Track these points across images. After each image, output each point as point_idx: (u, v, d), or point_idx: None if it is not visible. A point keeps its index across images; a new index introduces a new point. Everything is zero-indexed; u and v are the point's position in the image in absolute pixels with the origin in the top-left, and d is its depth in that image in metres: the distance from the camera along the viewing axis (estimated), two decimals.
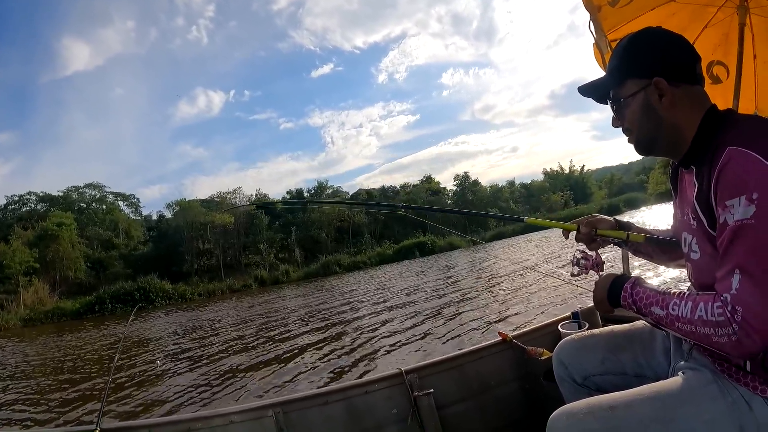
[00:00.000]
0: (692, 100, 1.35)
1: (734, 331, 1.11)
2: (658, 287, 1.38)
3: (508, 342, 2.78)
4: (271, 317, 17.33)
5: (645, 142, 1.44)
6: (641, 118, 1.39)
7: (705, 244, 1.32)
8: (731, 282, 1.13)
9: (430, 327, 10.30)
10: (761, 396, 1.25)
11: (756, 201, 1.09)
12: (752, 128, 1.22)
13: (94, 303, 34.28)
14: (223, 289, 41.46)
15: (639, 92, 1.37)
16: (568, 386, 1.85)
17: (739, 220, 1.11)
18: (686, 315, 1.22)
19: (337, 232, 59.04)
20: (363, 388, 2.44)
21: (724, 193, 1.15)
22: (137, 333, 18.93)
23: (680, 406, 1.30)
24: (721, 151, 1.17)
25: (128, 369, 11.01)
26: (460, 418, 2.56)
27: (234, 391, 7.82)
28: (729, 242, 1.15)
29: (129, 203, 59.76)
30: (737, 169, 1.13)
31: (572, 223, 1.79)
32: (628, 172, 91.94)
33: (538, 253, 25.68)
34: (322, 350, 9.72)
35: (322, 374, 7.94)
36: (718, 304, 1.15)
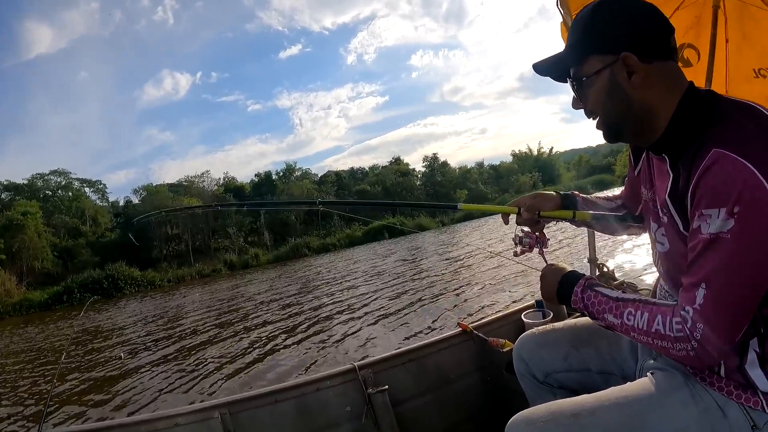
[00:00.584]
0: (666, 79, 1.18)
1: (693, 348, 1.08)
2: (610, 290, 1.32)
3: (468, 333, 2.69)
4: (232, 306, 17.25)
5: (612, 128, 1.28)
6: (607, 99, 1.22)
7: (676, 241, 1.22)
8: (695, 295, 1.07)
9: (393, 315, 10.21)
10: (736, 401, 1.18)
11: (736, 215, 0.98)
12: (743, 126, 1.06)
13: (62, 293, 33.84)
14: (193, 274, 41.26)
15: (604, 70, 1.19)
16: (529, 383, 1.78)
17: (714, 233, 1.02)
18: (642, 327, 1.17)
19: (306, 214, 59.13)
20: (314, 385, 2.35)
21: (702, 200, 1.04)
22: (103, 323, 18.70)
23: (649, 413, 1.22)
24: (705, 151, 1.04)
25: (88, 363, 10.85)
26: (418, 414, 2.48)
27: (192, 387, 7.66)
28: (699, 253, 1.07)
29: (95, 189, 58.59)
30: (721, 176, 1.00)
31: (512, 206, 1.68)
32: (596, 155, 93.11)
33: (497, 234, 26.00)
34: (278, 342, 9.59)
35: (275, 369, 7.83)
36: (677, 320, 1.10)
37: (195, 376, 8.22)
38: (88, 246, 48.04)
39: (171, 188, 57.34)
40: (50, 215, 48.76)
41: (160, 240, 50.28)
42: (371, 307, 11.39)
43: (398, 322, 9.60)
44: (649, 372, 1.36)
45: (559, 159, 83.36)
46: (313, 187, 61.47)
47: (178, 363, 9.35)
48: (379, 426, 2.34)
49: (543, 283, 1.50)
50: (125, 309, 23.72)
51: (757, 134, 1.03)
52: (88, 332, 16.24)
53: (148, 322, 16.67)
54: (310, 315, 11.95)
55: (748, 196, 0.97)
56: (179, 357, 9.88)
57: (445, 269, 16.54)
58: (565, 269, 1.46)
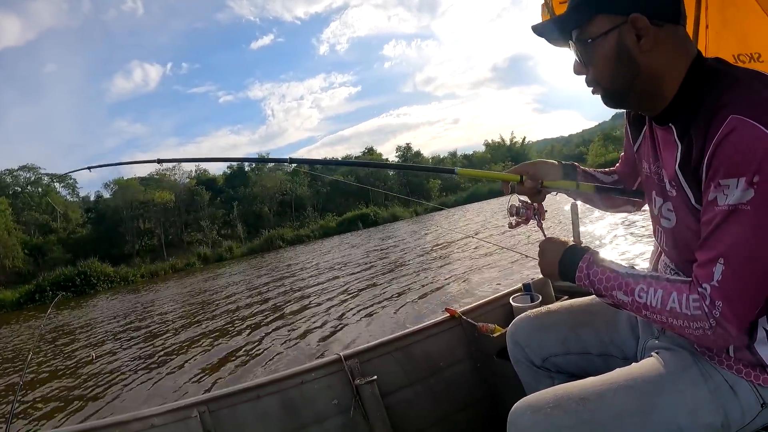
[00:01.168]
0: (676, 44, 1.11)
1: (711, 326, 1.02)
2: (618, 265, 1.25)
3: (457, 318, 2.62)
4: (207, 301, 17.02)
5: (616, 94, 1.20)
6: (614, 63, 1.14)
7: (686, 215, 1.16)
8: (713, 271, 1.01)
9: (373, 304, 10.04)
10: (745, 379, 1.15)
11: (756, 185, 0.93)
12: (760, 92, 0.99)
13: (34, 291, 33.33)
14: (166, 269, 41.03)
15: (611, 31, 1.11)
16: (526, 368, 1.72)
17: (733, 204, 0.96)
18: (656, 305, 1.11)
19: (280, 206, 59.17)
20: (299, 378, 2.23)
21: (719, 169, 0.98)
22: (75, 321, 18.43)
23: (659, 395, 1.17)
24: (722, 118, 0.97)
25: (58, 363, 10.63)
26: (408, 405, 2.38)
27: (169, 386, 7.46)
28: (716, 226, 1.01)
29: (66, 185, 57.64)
30: (741, 144, 0.94)
31: (514, 173, 1.59)
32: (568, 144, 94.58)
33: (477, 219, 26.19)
34: (259, 335, 9.39)
35: (256, 363, 7.60)
36: (694, 297, 1.05)
37: (171, 374, 8.10)
38: (60, 243, 47.53)
39: (142, 181, 56.75)
40: (20, 212, 48.19)
41: (132, 235, 49.99)
42: (351, 297, 11.31)
43: (382, 310, 9.46)
44: (654, 352, 1.32)
45: (532, 148, 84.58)
46: (286, 178, 61.36)
47: (153, 361, 9.21)
48: (369, 419, 2.25)
49: (542, 258, 1.42)
50: (98, 306, 23.42)
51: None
52: (59, 331, 16.01)
53: (120, 320, 16.44)
54: (289, 307, 11.82)
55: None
56: (154, 355, 9.76)
57: (424, 256, 16.55)
58: (566, 243, 1.38)
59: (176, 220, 53.66)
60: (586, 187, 1.54)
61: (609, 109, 1.25)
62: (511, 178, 1.57)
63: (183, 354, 9.24)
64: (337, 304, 10.77)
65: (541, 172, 1.58)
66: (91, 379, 8.73)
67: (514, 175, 1.57)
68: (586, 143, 77.66)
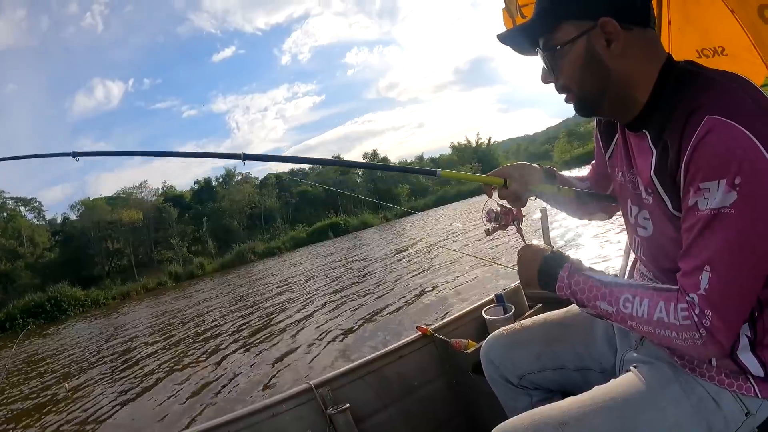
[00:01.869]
0: (646, 47, 1.08)
1: (700, 336, 0.98)
2: (601, 273, 1.21)
3: (429, 336, 2.57)
4: (178, 321, 16.81)
5: (588, 101, 1.16)
6: (583, 70, 1.10)
7: (664, 223, 1.12)
8: (699, 279, 0.98)
9: (346, 323, 9.77)
10: (728, 390, 1.11)
11: (739, 187, 0.89)
12: (734, 93, 0.96)
13: (4, 320, 32.84)
14: (138, 289, 40.61)
15: (580, 37, 1.07)
16: (502, 387, 1.68)
17: (716, 208, 0.93)
18: (642, 315, 1.07)
19: (249, 219, 59.04)
20: (269, 410, 2.15)
21: (698, 173, 0.94)
22: (43, 350, 18.13)
23: (641, 414, 1.13)
24: (698, 119, 0.94)
25: (29, 396, 10.42)
26: (384, 429, 2.32)
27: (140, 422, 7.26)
28: (699, 232, 0.97)
29: (31, 208, 56.58)
30: (719, 145, 0.91)
31: (497, 176, 1.49)
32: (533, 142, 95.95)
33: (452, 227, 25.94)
34: (227, 363, 9.07)
35: (225, 393, 7.35)
36: (683, 306, 1.01)
37: (142, 408, 7.90)
38: (28, 268, 46.81)
39: (109, 201, 56.30)
40: None
41: (102, 256, 49.54)
42: (321, 316, 11.05)
43: (353, 330, 9.17)
44: (633, 366, 1.27)
45: (498, 148, 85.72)
46: (254, 191, 61.34)
47: (124, 392, 8.97)
48: None
49: (521, 265, 1.37)
50: (69, 333, 23.00)
51: (749, 101, 0.94)
52: (29, 362, 15.69)
53: (92, 346, 16.23)
54: (259, 328, 11.57)
55: (749, 167, 0.89)
56: (125, 384, 9.54)
57: (395, 267, 16.40)
58: (546, 250, 1.33)
59: (145, 239, 53.37)
60: (567, 191, 1.49)
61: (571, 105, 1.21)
62: (495, 182, 1.48)
63: (154, 384, 9.05)
64: (308, 324, 10.60)
65: (526, 174, 1.49)
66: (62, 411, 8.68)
67: (498, 179, 1.48)
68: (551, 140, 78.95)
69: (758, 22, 2.22)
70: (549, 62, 1.16)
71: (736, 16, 2.39)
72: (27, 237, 50.76)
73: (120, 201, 56.17)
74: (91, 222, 50.89)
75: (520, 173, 1.48)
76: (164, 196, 60.68)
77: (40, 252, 50.76)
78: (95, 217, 51.10)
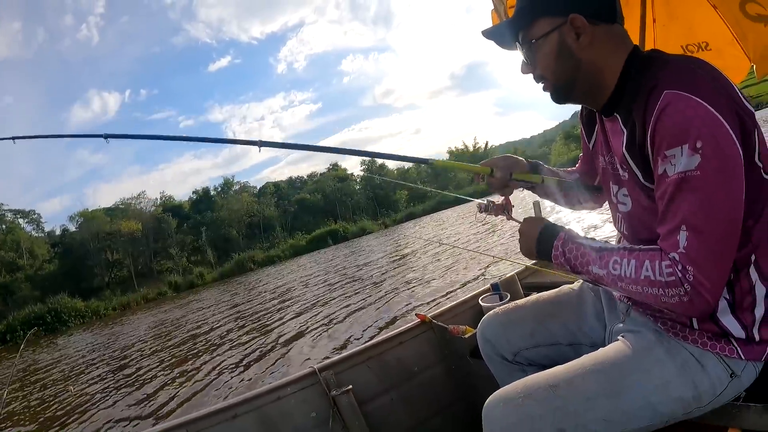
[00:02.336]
0: (613, 40, 1.21)
1: (686, 291, 1.03)
2: (592, 241, 1.28)
3: (427, 323, 2.63)
4: (179, 329, 16.85)
5: (562, 89, 1.28)
6: (556, 61, 1.22)
7: (639, 195, 1.22)
8: (677, 239, 1.04)
9: (348, 317, 9.99)
10: (711, 352, 1.18)
11: (701, 150, 0.98)
12: (688, 69, 1.07)
13: (4, 332, 32.66)
14: (138, 300, 40.47)
15: (552, 32, 1.20)
16: (498, 364, 1.74)
17: (682, 171, 1.01)
18: (630, 275, 1.13)
19: (248, 228, 58.99)
20: (275, 393, 2.20)
21: (663, 142, 1.03)
22: (48, 359, 18.18)
23: (627, 376, 1.20)
24: (657, 95, 1.04)
25: (35, 403, 10.56)
26: (386, 412, 2.38)
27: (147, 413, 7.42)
28: (671, 197, 1.05)
29: (30, 220, 56.69)
30: (677, 114, 1.00)
31: (485, 166, 1.63)
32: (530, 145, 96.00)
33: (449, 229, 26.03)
34: (233, 359, 9.23)
35: (232, 385, 7.54)
36: (666, 263, 1.06)
37: (148, 401, 8.04)
38: (27, 280, 46.71)
39: (108, 212, 56.24)
40: None
41: (101, 267, 49.46)
42: (325, 312, 11.24)
43: (355, 322, 9.41)
44: (620, 336, 1.34)
45: (495, 152, 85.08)
46: (252, 200, 61.33)
47: (130, 390, 9.13)
48: (349, 429, 2.24)
49: (522, 238, 1.45)
50: (71, 344, 22.89)
51: (706, 78, 1.04)
52: (32, 372, 15.67)
53: (95, 355, 16.19)
54: (262, 327, 11.73)
55: (707, 131, 0.98)
56: (131, 383, 9.70)
57: (393, 266, 16.56)
58: (543, 221, 1.42)
59: (145, 249, 53.31)
60: (550, 180, 1.61)
61: (568, 108, 1.31)
62: (482, 170, 1.62)
63: (160, 382, 9.15)
64: (312, 321, 10.70)
65: (510, 164, 1.64)
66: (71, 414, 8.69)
67: (485, 168, 1.62)
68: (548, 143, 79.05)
69: (740, 16, 2.31)
70: (527, 55, 1.29)
71: (719, 12, 2.46)
72: (26, 249, 50.72)
73: (119, 212, 56.12)
74: (90, 233, 50.81)
75: (504, 163, 1.63)
76: (163, 206, 60.73)
77: (39, 264, 50.69)
78: (94, 229, 50.99)
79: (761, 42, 2.32)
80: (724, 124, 0.99)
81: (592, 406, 1.17)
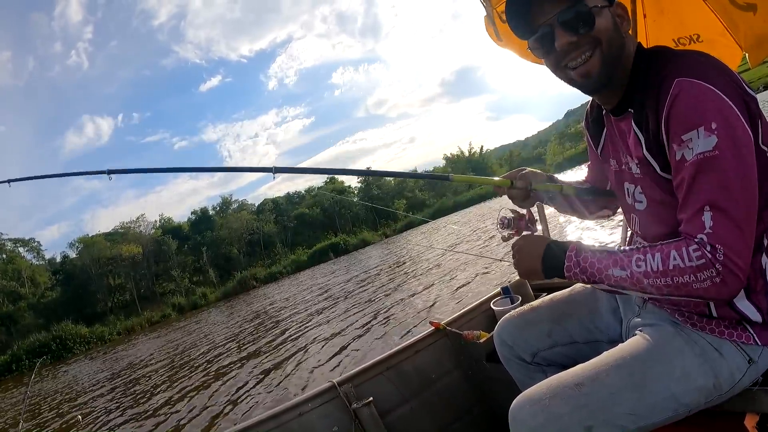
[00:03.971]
0: (630, 37, 1.23)
1: (718, 272, 1.02)
2: (604, 247, 1.24)
3: (442, 330, 2.64)
4: (186, 350, 16.84)
5: (609, 63, 1.20)
6: (612, 33, 1.18)
7: (654, 190, 1.22)
8: (703, 221, 1.04)
9: (358, 330, 9.95)
10: (729, 340, 1.19)
11: (716, 131, 1.00)
12: (699, 60, 1.10)
13: (10, 362, 32.72)
14: (142, 323, 40.61)
15: (605, 8, 1.18)
16: (517, 366, 1.75)
17: (701, 153, 1.02)
18: (657, 268, 1.10)
19: (249, 245, 58.97)
20: (296, 410, 2.20)
21: (678, 128, 1.05)
22: (55, 388, 18.02)
23: (649, 368, 1.20)
24: (669, 84, 1.07)
25: None
26: (407, 421, 2.38)
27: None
28: (692, 179, 1.05)
29: (30, 248, 56.64)
30: (690, 99, 1.03)
31: (505, 179, 1.61)
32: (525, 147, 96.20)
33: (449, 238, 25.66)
34: (248, 377, 9.19)
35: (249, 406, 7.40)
36: (694, 247, 1.05)
37: (161, 426, 8.02)
38: (30, 309, 46.61)
39: (108, 237, 56.21)
40: None
41: (104, 292, 49.38)
42: (335, 326, 11.18)
43: (368, 334, 9.36)
44: (638, 330, 1.34)
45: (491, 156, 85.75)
46: (252, 217, 61.32)
47: (141, 416, 9.09)
48: None
49: (521, 256, 1.39)
50: (77, 370, 23.01)
51: (711, 67, 1.07)
52: (42, 401, 15.54)
53: (102, 381, 16.20)
54: (272, 346, 11.63)
55: (720, 113, 1.01)
56: (141, 410, 9.66)
57: (399, 275, 16.52)
58: (546, 239, 1.37)
59: (146, 272, 53.26)
60: (570, 189, 1.59)
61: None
62: (502, 183, 1.59)
63: (172, 407, 9.08)
64: (324, 335, 10.64)
65: (530, 175, 1.61)
66: None
67: (505, 180, 1.59)
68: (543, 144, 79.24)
69: (730, 7, 2.31)
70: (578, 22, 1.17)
71: (708, 4, 2.46)
72: (27, 277, 50.63)
73: (118, 236, 56.17)
74: (90, 259, 50.75)
75: (523, 175, 1.61)
76: (162, 228, 60.72)
77: (41, 292, 50.65)
78: (95, 254, 50.98)
79: (752, 31, 2.32)
80: (734, 108, 1.01)
81: (618, 401, 1.18)
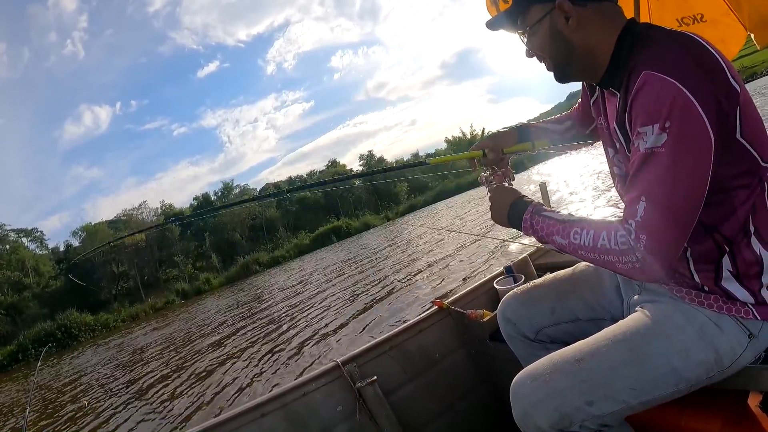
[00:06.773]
0: (603, 19, 1.26)
1: (638, 259, 1.11)
2: (557, 213, 1.36)
3: (445, 309, 2.64)
4: (194, 332, 17.01)
5: (560, 68, 1.35)
6: (551, 44, 1.30)
7: (627, 162, 1.27)
8: (636, 209, 1.11)
9: (361, 311, 9.97)
10: (728, 315, 1.23)
11: (668, 130, 1.05)
12: (668, 48, 1.13)
13: (16, 352, 32.83)
14: (146, 310, 40.68)
15: (544, 18, 1.27)
16: (520, 344, 1.78)
17: (650, 147, 1.08)
18: (588, 244, 1.21)
19: (251, 230, 59.00)
20: (300, 389, 2.20)
21: (637, 120, 1.12)
22: (61, 375, 18.18)
23: (649, 343, 1.24)
24: (636, 75, 1.12)
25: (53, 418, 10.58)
26: (412, 400, 2.39)
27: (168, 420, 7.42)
28: (637, 169, 1.13)
29: (33, 238, 56.70)
30: (651, 95, 1.08)
31: (476, 150, 1.71)
32: None
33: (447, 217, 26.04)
34: (253, 359, 9.24)
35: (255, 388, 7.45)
36: (621, 233, 1.14)
37: (168, 409, 8.03)
38: (35, 298, 46.73)
39: (110, 225, 56.29)
40: None
41: (108, 280, 49.49)
42: (339, 307, 11.25)
43: (371, 314, 9.38)
44: (638, 306, 1.38)
45: None
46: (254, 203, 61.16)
47: (148, 400, 9.13)
48: (376, 420, 2.24)
49: (493, 205, 1.53)
50: (82, 357, 23.17)
51: (682, 54, 1.09)
52: (48, 389, 15.63)
53: (108, 367, 16.34)
54: (279, 328, 11.62)
55: (677, 112, 1.04)
56: (147, 394, 9.68)
57: (401, 257, 16.61)
58: (514, 194, 1.50)
59: (149, 259, 53.45)
60: (541, 143, 1.71)
61: (562, 90, 1.41)
62: (474, 155, 1.70)
63: (177, 389, 9.14)
64: (328, 317, 10.62)
65: (499, 142, 1.72)
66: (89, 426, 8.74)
67: (477, 152, 1.70)
68: None
69: None
70: (527, 40, 1.36)
71: None
72: (31, 267, 50.78)
73: (121, 224, 56.21)
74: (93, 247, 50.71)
75: (494, 142, 1.71)
76: (164, 214, 60.78)
77: (45, 281, 50.88)
78: (98, 242, 50.95)
79: (756, 11, 2.32)
80: (696, 107, 1.04)
81: (618, 376, 1.22)
